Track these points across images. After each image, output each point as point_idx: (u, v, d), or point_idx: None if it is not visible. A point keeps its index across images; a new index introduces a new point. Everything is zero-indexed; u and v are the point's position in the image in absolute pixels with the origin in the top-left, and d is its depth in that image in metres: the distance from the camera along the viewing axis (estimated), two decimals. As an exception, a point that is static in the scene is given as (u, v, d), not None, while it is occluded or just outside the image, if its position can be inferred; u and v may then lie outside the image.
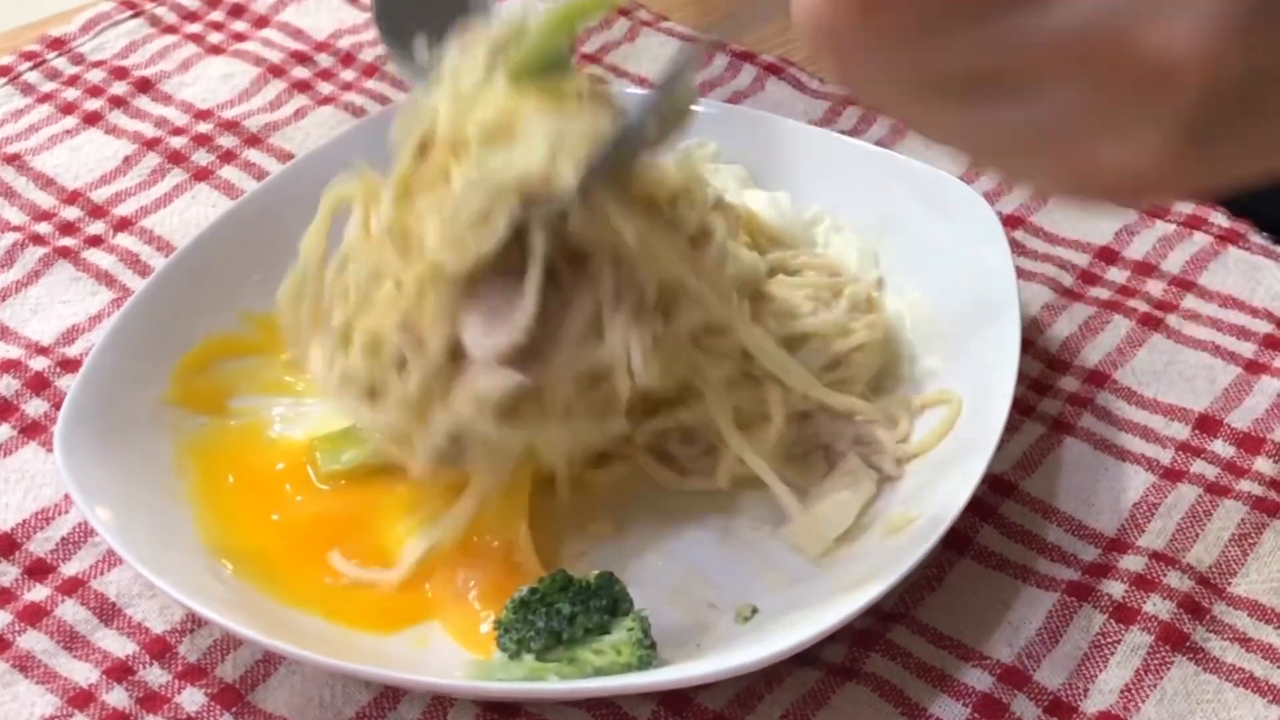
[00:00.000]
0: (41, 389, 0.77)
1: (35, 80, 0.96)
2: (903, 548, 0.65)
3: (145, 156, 0.91)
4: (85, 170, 0.90)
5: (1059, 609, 0.68)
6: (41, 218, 0.87)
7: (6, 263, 0.84)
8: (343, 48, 0.99)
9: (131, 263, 0.84)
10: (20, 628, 0.68)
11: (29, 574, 0.70)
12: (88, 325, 0.81)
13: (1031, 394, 0.76)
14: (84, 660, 0.67)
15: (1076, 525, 0.71)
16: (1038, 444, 0.74)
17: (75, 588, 0.69)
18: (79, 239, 0.86)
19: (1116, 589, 0.68)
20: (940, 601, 0.68)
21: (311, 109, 0.94)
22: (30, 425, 0.76)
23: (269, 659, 0.66)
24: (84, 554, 0.71)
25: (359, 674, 0.63)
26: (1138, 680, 0.65)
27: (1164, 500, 0.72)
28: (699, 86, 0.95)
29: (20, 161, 0.90)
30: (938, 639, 0.67)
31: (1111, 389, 0.77)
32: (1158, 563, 0.69)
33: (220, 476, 0.71)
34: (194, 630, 0.67)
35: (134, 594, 0.69)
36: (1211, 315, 0.80)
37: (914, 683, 0.65)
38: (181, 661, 0.67)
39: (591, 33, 1.00)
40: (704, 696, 0.65)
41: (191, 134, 0.92)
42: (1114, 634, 0.67)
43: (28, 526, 0.72)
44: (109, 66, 0.97)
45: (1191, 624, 0.67)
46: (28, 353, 0.79)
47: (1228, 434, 0.75)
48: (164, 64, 0.97)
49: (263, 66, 0.97)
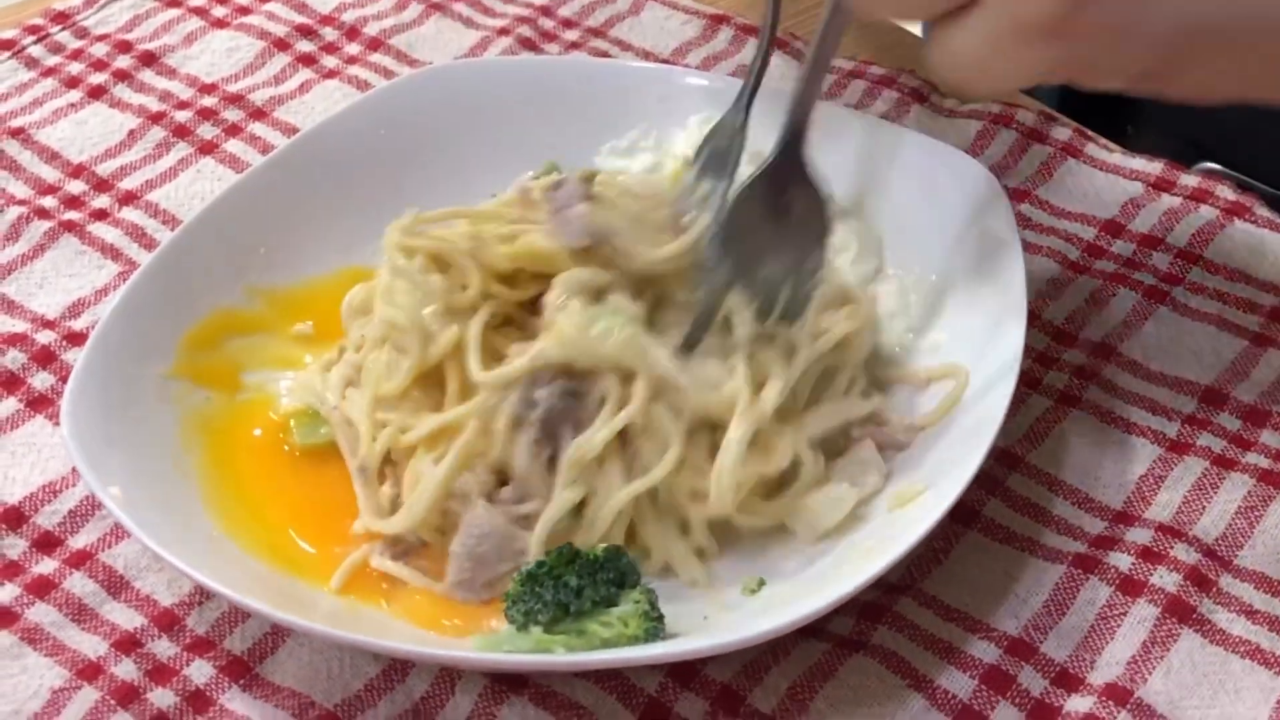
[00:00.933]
0: (48, 363, 0.77)
1: (39, 54, 0.96)
2: (909, 521, 0.65)
3: (150, 130, 0.91)
4: (90, 144, 0.90)
5: (1065, 581, 0.68)
6: (46, 191, 0.87)
7: (12, 236, 0.84)
8: (347, 21, 0.99)
9: (137, 236, 0.84)
10: (29, 600, 0.68)
11: (37, 547, 0.70)
12: (94, 299, 0.81)
13: (1038, 367, 0.76)
14: (92, 633, 0.67)
15: (1083, 498, 0.71)
16: (1044, 417, 0.74)
17: (83, 561, 0.69)
18: (84, 213, 0.86)
19: (1123, 561, 0.68)
20: (947, 574, 0.68)
21: (316, 83, 0.94)
22: (37, 399, 0.76)
23: (277, 632, 0.66)
24: (91, 527, 0.71)
25: (367, 646, 0.63)
26: (1144, 652, 0.65)
27: (1170, 473, 0.72)
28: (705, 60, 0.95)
29: (25, 135, 0.90)
30: (945, 611, 0.67)
31: (1117, 362, 0.77)
32: (1164, 535, 0.69)
33: (227, 450, 0.71)
34: (202, 603, 0.68)
35: (142, 567, 0.69)
36: (1217, 288, 0.80)
37: (921, 655, 0.65)
38: (190, 634, 0.67)
39: (596, 6, 1.00)
40: (711, 668, 0.65)
41: (196, 108, 0.92)
42: (1121, 606, 0.67)
43: (35, 500, 0.72)
44: (113, 40, 0.97)
45: (1198, 596, 0.67)
46: (34, 326, 0.79)
47: (1234, 407, 0.75)
48: (168, 38, 0.97)
49: (267, 40, 0.97)
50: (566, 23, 0.99)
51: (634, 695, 0.64)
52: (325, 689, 0.65)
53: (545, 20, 0.99)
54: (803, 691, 0.64)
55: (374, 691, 0.65)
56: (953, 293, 0.76)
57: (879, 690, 0.64)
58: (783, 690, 0.64)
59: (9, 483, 0.72)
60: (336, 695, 0.64)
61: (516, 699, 0.64)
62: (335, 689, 0.65)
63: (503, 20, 0.99)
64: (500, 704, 0.64)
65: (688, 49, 0.97)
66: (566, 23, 0.99)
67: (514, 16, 0.99)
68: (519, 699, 0.64)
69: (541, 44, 0.97)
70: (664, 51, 0.96)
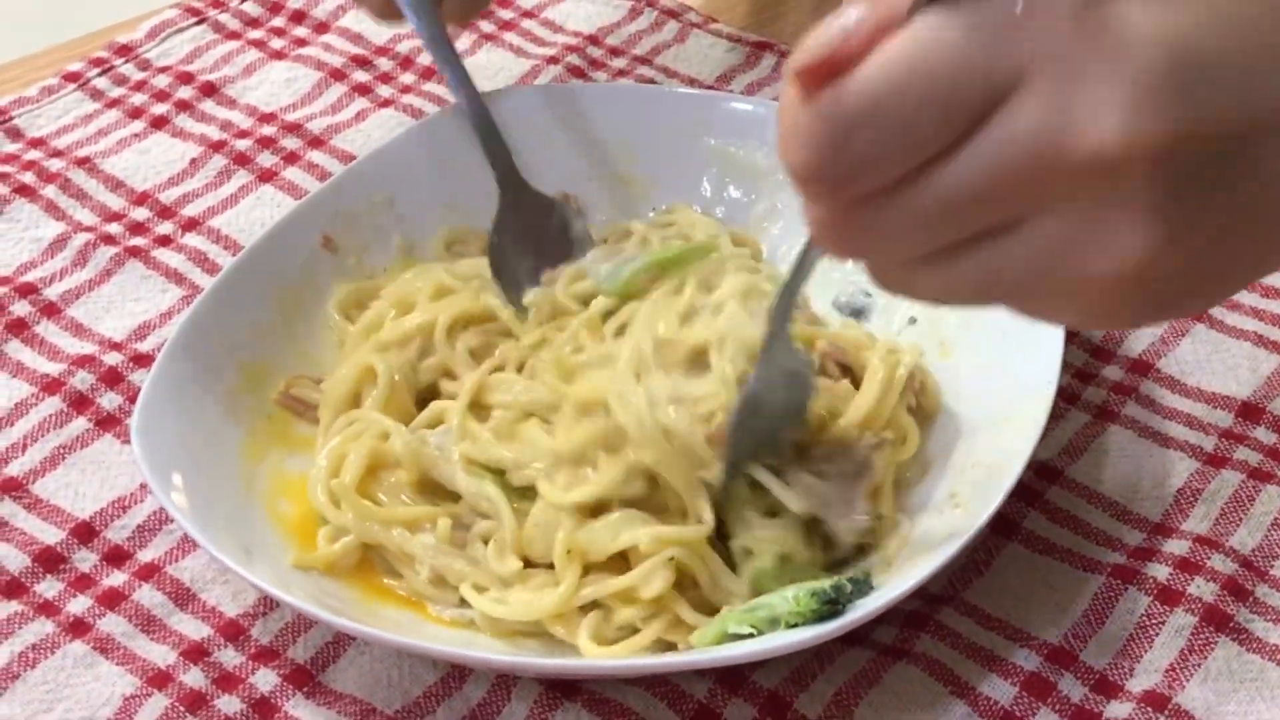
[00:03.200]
0: (115, 383, 0.80)
1: (104, 86, 0.99)
2: (950, 531, 0.67)
3: (211, 159, 0.94)
4: (153, 172, 0.93)
5: (1105, 591, 0.69)
6: (112, 219, 0.90)
7: (79, 262, 0.87)
8: (401, 52, 1.01)
9: (200, 261, 0.87)
10: (100, 611, 0.70)
11: (107, 560, 0.73)
12: (159, 321, 0.84)
13: (1076, 382, 0.78)
14: (161, 643, 0.69)
15: (1121, 510, 0.73)
16: (1083, 431, 0.76)
17: (152, 573, 0.72)
18: (148, 239, 0.88)
19: (1161, 572, 0.70)
20: (988, 584, 0.70)
21: (372, 111, 0.97)
22: (105, 418, 0.79)
23: (339, 640, 0.69)
24: (159, 541, 0.73)
25: (426, 652, 0.66)
26: (1182, 660, 0.67)
27: (1207, 486, 0.73)
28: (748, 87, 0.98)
29: (91, 164, 0.93)
30: (986, 620, 0.69)
31: (1155, 378, 0.79)
32: (1201, 546, 0.71)
33: (288, 463, 0.74)
34: (266, 613, 0.70)
35: (208, 579, 0.72)
36: (1254, 305, 0.82)
37: (963, 663, 0.67)
38: (254, 644, 0.69)
39: (642, 35, 1.02)
40: (759, 675, 0.67)
41: (256, 136, 0.95)
42: (1159, 615, 0.68)
43: (105, 515, 0.74)
44: (174, 72, 1.00)
45: (1235, 605, 0.68)
46: (101, 349, 0.82)
47: (1270, 421, 0.76)
48: (228, 69, 1.00)
49: (324, 70, 1.00)
50: (614, 51, 1.01)
51: (684, 701, 0.66)
52: (385, 696, 0.67)
53: (593, 48, 1.01)
54: (848, 697, 0.66)
55: (432, 698, 0.67)
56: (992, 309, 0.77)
57: (922, 696, 0.66)
58: (828, 696, 0.66)
59: (80, 499, 0.75)
60: (396, 702, 0.67)
61: (570, 704, 0.66)
62: (395, 696, 0.67)
63: (552, 49, 1.01)
64: (554, 709, 0.66)
65: (732, 75, 0.99)
66: (614, 51, 1.01)
67: (563, 45, 1.02)
68: (573, 705, 0.66)
69: (589, 72, 1.00)
70: (708, 78, 0.99)
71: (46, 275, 0.86)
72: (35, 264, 0.87)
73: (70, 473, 0.76)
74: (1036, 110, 0.44)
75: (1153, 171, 0.44)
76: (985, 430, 0.72)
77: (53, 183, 0.91)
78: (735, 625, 0.64)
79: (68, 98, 0.98)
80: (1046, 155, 0.44)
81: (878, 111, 0.45)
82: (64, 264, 0.87)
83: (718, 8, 1.05)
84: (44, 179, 0.92)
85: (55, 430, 0.78)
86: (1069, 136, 0.43)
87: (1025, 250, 0.46)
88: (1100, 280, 0.46)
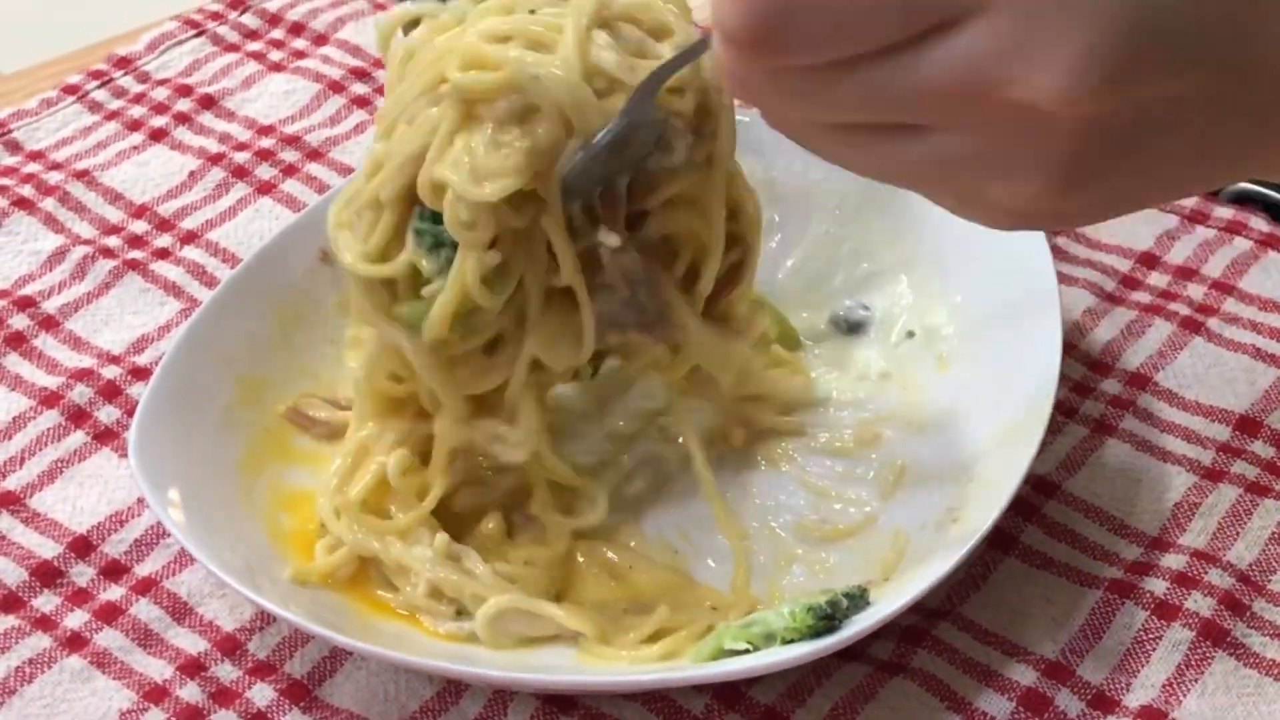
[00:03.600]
0: (113, 397, 0.80)
1: (103, 98, 0.99)
2: (946, 546, 0.67)
3: (210, 171, 0.94)
4: (152, 185, 0.93)
5: (1102, 606, 0.69)
6: (111, 231, 0.90)
7: (78, 275, 0.87)
8: (399, 64, 1.01)
9: (198, 274, 0.87)
10: (97, 626, 0.70)
11: (104, 574, 0.73)
12: (157, 335, 0.84)
13: (1074, 396, 0.78)
14: (158, 657, 0.69)
15: (1119, 525, 0.73)
16: (1080, 445, 0.76)
17: (149, 587, 0.72)
18: (147, 251, 0.88)
19: (1158, 586, 0.70)
20: (985, 599, 0.70)
21: (370, 123, 0.97)
22: (103, 432, 0.79)
23: (336, 654, 0.69)
24: (156, 555, 0.73)
25: (422, 668, 0.66)
26: (1179, 675, 0.67)
27: (1205, 500, 0.73)
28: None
29: (89, 177, 0.93)
30: (983, 635, 0.69)
31: (1153, 391, 0.79)
32: (1199, 561, 0.71)
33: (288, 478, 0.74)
34: (263, 628, 0.70)
35: (205, 593, 0.72)
36: (1251, 318, 0.82)
37: (960, 678, 0.67)
38: (251, 658, 0.69)
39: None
40: (755, 690, 0.67)
41: (254, 149, 0.95)
42: (1156, 630, 0.68)
43: (102, 529, 0.74)
44: (174, 84, 1.00)
45: (1232, 620, 0.68)
46: (100, 362, 0.82)
47: (1268, 435, 0.76)
48: (227, 81, 1.00)
49: (322, 83, 1.00)
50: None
51: (681, 716, 0.66)
52: (382, 710, 0.67)
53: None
54: (844, 713, 0.66)
55: (429, 712, 0.67)
56: (989, 323, 0.77)
57: (919, 712, 0.66)
58: (825, 712, 0.66)
59: (77, 513, 0.75)
60: (393, 716, 0.67)
61: (566, 719, 0.66)
62: (392, 710, 0.67)
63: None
64: (551, 724, 0.66)
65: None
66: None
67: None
68: (569, 719, 0.66)
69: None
70: None
71: (45, 288, 0.86)
72: (34, 277, 0.87)
73: (68, 486, 0.76)
74: (988, 42, 0.45)
75: (1076, 129, 0.45)
76: (983, 445, 0.72)
77: (51, 195, 0.92)
78: (731, 641, 0.64)
79: (66, 110, 0.98)
80: (984, 85, 0.45)
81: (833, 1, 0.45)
82: (62, 277, 0.87)
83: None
84: (43, 192, 0.92)
85: (53, 444, 0.78)
86: (1011, 76, 0.45)
87: (929, 154, 0.48)
88: (994, 201, 0.48)
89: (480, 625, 0.67)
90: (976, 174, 0.48)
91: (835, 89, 0.47)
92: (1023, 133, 0.46)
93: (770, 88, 0.48)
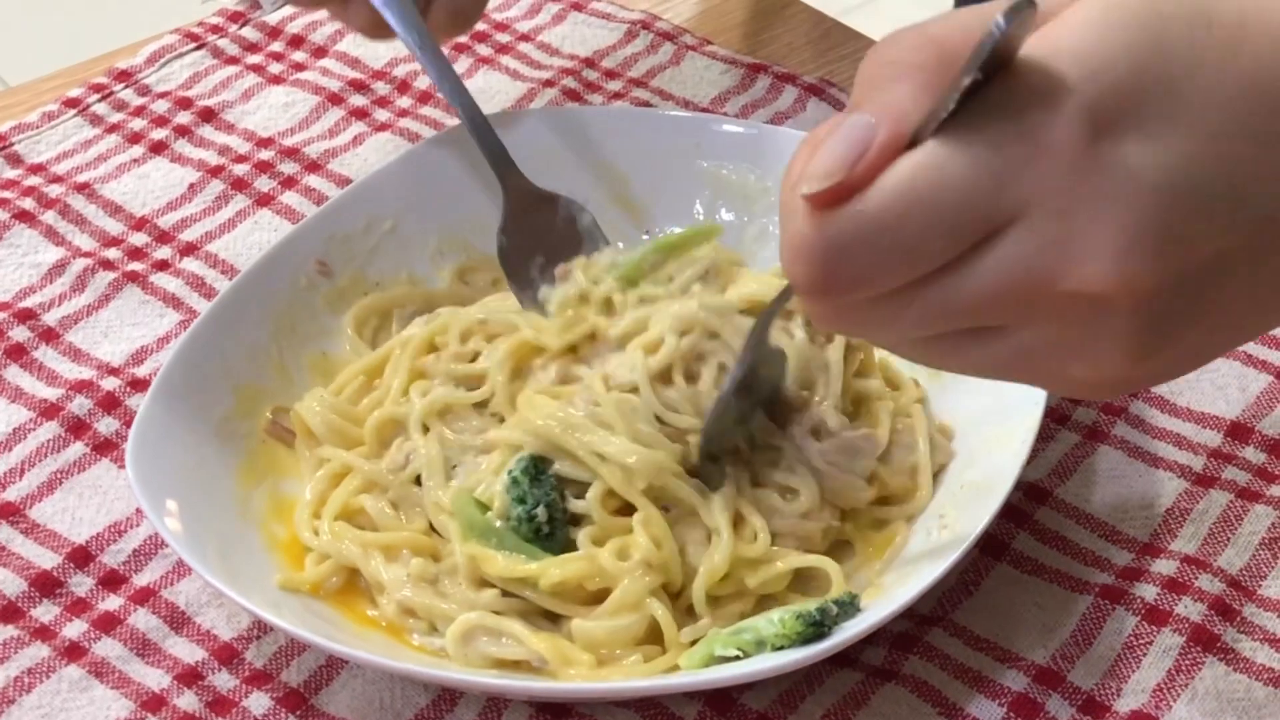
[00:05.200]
0: (113, 408, 0.81)
1: (103, 111, 1.00)
2: (937, 553, 0.67)
3: (209, 183, 0.94)
4: (152, 197, 0.94)
5: (1092, 611, 0.70)
6: (111, 244, 0.91)
7: (78, 287, 0.88)
8: (398, 76, 1.02)
9: (197, 286, 0.88)
10: (95, 635, 0.71)
11: (103, 584, 0.73)
12: (156, 346, 0.84)
13: (1066, 403, 0.79)
14: (156, 666, 0.70)
15: (1110, 530, 0.73)
16: (1073, 452, 0.77)
17: (147, 597, 0.72)
18: (147, 264, 0.89)
19: (1149, 592, 0.70)
20: (977, 605, 0.70)
21: (369, 135, 0.98)
22: (103, 443, 0.79)
23: (331, 663, 0.69)
24: (155, 565, 0.74)
25: (417, 675, 0.66)
26: (1169, 680, 0.67)
27: (1196, 506, 0.74)
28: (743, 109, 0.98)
29: (90, 190, 0.94)
30: (975, 641, 0.69)
31: (1145, 398, 0.79)
32: (1189, 566, 0.71)
33: (283, 487, 0.75)
34: (260, 637, 0.71)
35: (203, 603, 0.72)
36: (1244, 325, 0.82)
37: (951, 684, 0.67)
38: (248, 667, 0.70)
39: (638, 57, 1.03)
40: (747, 697, 0.67)
41: (254, 161, 0.96)
42: (1146, 635, 0.69)
43: (101, 539, 0.75)
44: (174, 97, 1.00)
45: (1222, 625, 0.69)
46: (99, 373, 0.83)
47: (1259, 440, 0.77)
48: (226, 94, 1.01)
49: (321, 95, 1.00)
50: (610, 73, 1.02)
51: (673, 723, 0.67)
52: (378, 718, 0.67)
53: (589, 71, 1.02)
54: (836, 719, 0.66)
55: (424, 721, 0.67)
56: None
57: (910, 718, 0.66)
58: (817, 717, 0.67)
59: (76, 523, 0.76)
60: (388, 724, 0.67)
61: (560, 727, 0.67)
62: (387, 718, 0.67)
63: (549, 73, 1.02)
64: (545, 732, 0.67)
65: (727, 97, 0.99)
66: (610, 73, 1.02)
67: (559, 68, 1.02)
68: (562, 727, 0.67)
69: (585, 95, 1.00)
70: (703, 100, 0.99)
71: (45, 300, 0.87)
72: (34, 289, 0.88)
73: (68, 497, 0.77)
74: (1034, 243, 0.47)
75: (1136, 307, 0.48)
76: (974, 451, 0.73)
77: (52, 208, 0.92)
78: (722, 648, 0.65)
79: (68, 123, 0.99)
80: (1040, 283, 0.48)
81: (881, 236, 0.48)
82: (63, 289, 0.88)
83: (713, 29, 1.06)
84: (44, 205, 0.93)
85: (53, 455, 0.79)
86: (1062, 270, 0.47)
87: (1009, 351, 0.51)
88: (1077, 379, 0.51)
89: (450, 644, 0.67)
90: (1057, 359, 0.50)
91: (907, 310, 0.50)
92: (1089, 317, 0.48)
93: (851, 319, 0.52)
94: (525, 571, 0.67)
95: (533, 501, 0.68)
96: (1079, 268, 0.47)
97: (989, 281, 0.48)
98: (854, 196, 0.48)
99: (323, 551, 0.71)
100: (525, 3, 1.08)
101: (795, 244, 0.50)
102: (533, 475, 0.68)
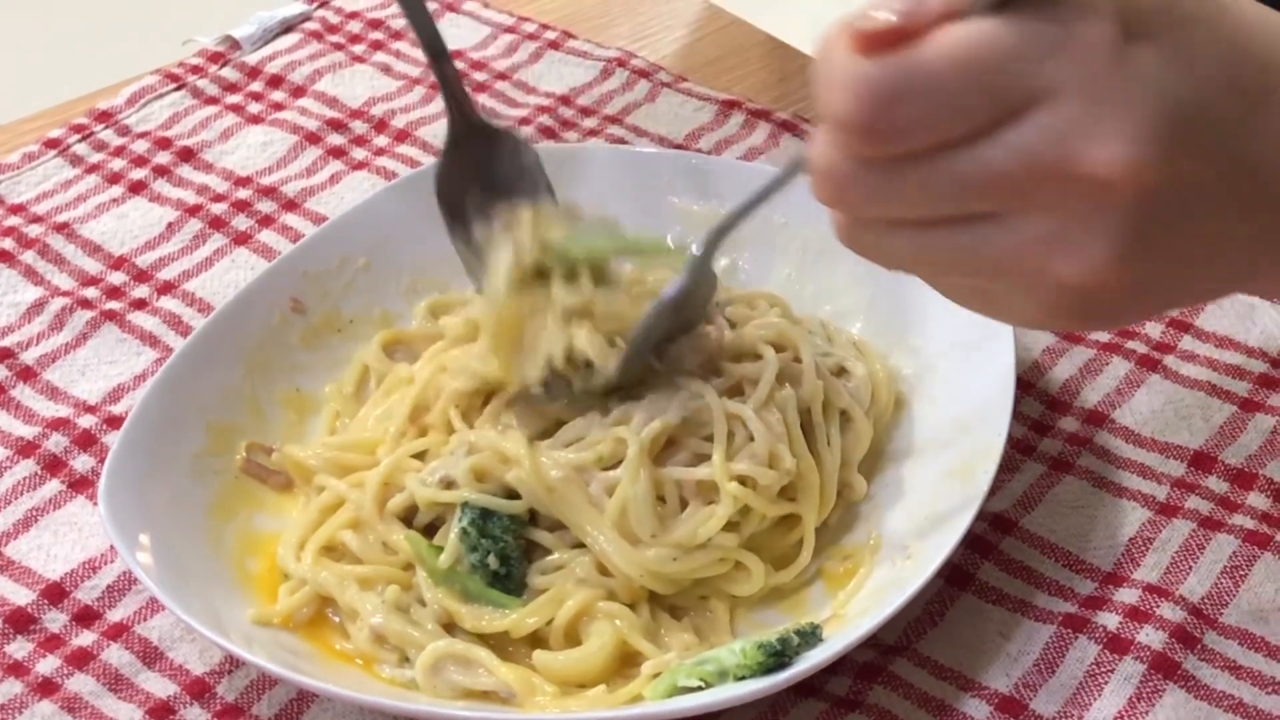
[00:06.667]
0: (88, 445, 0.81)
1: (83, 151, 1.01)
2: (900, 583, 0.68)
3: (188, 223, 0.95)
4: (130, 237, 0.95)
5: (1055, 640, 0.70)
6: (89, 283, 0.91)
7: (56, 326, 0.88)
8: (376, 115, 1.03)
9: (174, 324, 0.88)
10: (69, 671, 0.72)
11: (77, 620, 0.74)
12: (133, 384, 0.85)
13: (1032, 434, 0.79)
14: (128, 701, 0.70)
15: (1074, 560, 0.74)
16: (1038, 482, 0.77)
17: (120, 632, 0.73)
18: (124, 302, 0.90)
19: (1111, 620, 0.71)
20: (942, 635, 0.71)
21: (346, 174, 0.99)
22: (78, 480, 0.80)
23: (303, 697, 0.70)
24: (128, 600, 0.75)
25: (386, 708, 0.67)
26: (1130, 708, 0.68)
27: (1159, 535, 0.75)
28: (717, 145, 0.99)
29: (69, 230, 0.95)
30: (939, 670, 0.70)
31: (1110, 428, 0.80)
32: (1151, 595, 0.72)
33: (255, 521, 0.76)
34: (231, 671, 0.71)
35: (175, 637, 0.73)
36: (1208, 355, 0.83)
37: (915, 713, 0.68)
38: (220, 701, 0.70)
39: (613, 95, 1.04)
40: (713, 728, 0.68)
41: (231, 200, 0.97)
42: (1108, 663, 0.69)
43: (75, 575, 0.76)
44: (153, 137, 1.02)
45: (1183, 653, 0.69)
46: (76, 411, 0.84)
47: (1221, 470, 0.77)
48: (205, 134, 1.02)
49: (299, 134, 1.01)
50: (585, 110, 1.03)
51: (639, 754, 0.67)
52: (347, 751, 0.68)
53: (564, 109, 1.03)
54: (801, 749, 0.67)
55: (393, 753, 0.68)
56: (946, 363, 0.79)
57: (874, 747, 0.67)
58: (781, 748, 0.67)
59: (51, 560, 0.76)
60: (358, 757, 0.68)
61: (528, 758, 0.67)
62: (356, 751, 0.68)
63: (524, 110, 1.03)
64: (513, 763, 0.67)
65: (700, 133, 1.01)
66: (585, 110, 1.03)
67: (535, 106, 1.03)
68: (531, 758, 0.67)
69: (561, 131, 1.01)
70: (677, 136, 1.00)
71: (24, 339, 0.88)
72: (13, 329, 0.89)
73: (43, 534, 0.78)
74: (1063, 120, 0.50)
75: (1136, 200, 0.50)
76: (937, 482, 0.74)
77: (31, 248, 0.93)
78: (685, 678, 0.65)
79: (48, 164, 1.00)
80: (1059, 160, 0.50)
81: (932, 85, 0.50)
82: (41, 328, 0.88)
83: (688, 67, 1.07)
84: (23, 244, 0.94)
85: (29, 492, 0.79)
86: (1081, 150, 0.50)
87: (1003, 239, 0.52)
88: (1058, 281, 0.52)
89: (419, 673, 0.68)
90: (1044, 254, 0.51)
91: (925, 176, 0.51)
92: (1089, 206, 0.51)
93: (859, 179, 0.52)
94: (498, 627, 0.69)
95: (483, 550, 0.70)
96: (1097, 149, 0.49)
97: (1010, 155, 0.50)
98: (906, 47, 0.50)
99: (301, 577, 0.72)
100: (503, 41, 1.09)
101: (847, 78, 0.50)
102: (480, 527, 0.70)
